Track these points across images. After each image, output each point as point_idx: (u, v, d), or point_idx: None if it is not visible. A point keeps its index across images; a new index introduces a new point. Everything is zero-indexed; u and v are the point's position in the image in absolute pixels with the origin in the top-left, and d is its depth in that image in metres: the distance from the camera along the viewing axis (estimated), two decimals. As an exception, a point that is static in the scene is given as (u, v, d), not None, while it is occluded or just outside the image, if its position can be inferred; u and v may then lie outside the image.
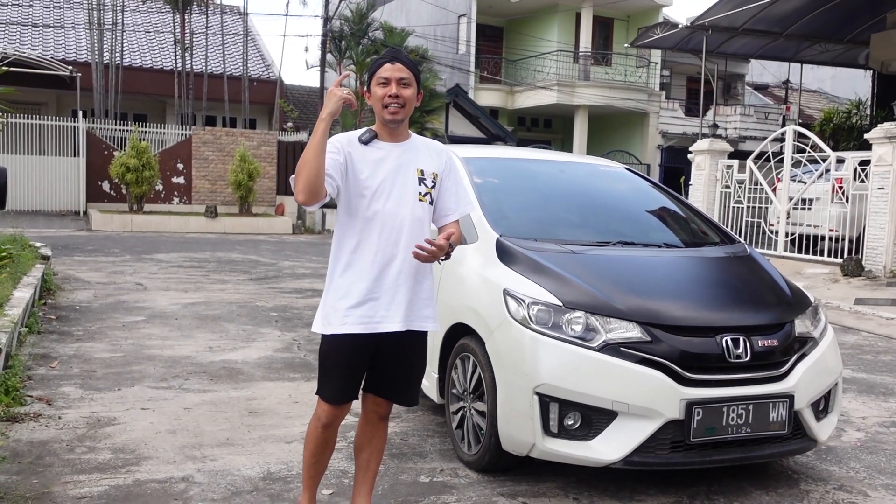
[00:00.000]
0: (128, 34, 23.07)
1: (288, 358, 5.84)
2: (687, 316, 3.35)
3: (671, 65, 29.48)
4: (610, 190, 4.74)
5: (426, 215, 2.86)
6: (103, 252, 12.45)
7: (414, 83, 2.82)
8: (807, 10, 16.76)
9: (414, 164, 2.85)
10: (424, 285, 2.86)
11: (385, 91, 2.78)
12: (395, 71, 2.79)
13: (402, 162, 2.82)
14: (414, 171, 2.84)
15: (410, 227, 2.79)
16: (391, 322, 2.77)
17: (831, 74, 32.96)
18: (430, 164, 2.89)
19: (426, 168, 2.87)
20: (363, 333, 2.76)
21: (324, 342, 2.85)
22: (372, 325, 2.76)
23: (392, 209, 2.77)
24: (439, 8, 27.32)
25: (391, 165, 2.81)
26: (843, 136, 19.87)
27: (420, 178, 2.84)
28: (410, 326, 2.81)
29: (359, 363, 2.83)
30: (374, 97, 2.82)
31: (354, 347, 2.78)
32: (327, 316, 2.80)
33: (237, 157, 18.67)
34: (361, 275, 2.76)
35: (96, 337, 6.22)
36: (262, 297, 8.62)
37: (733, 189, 14.95)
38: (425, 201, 2.84)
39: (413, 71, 2.82)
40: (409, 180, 2.82)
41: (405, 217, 2.78)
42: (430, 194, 2.86)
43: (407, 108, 2.80)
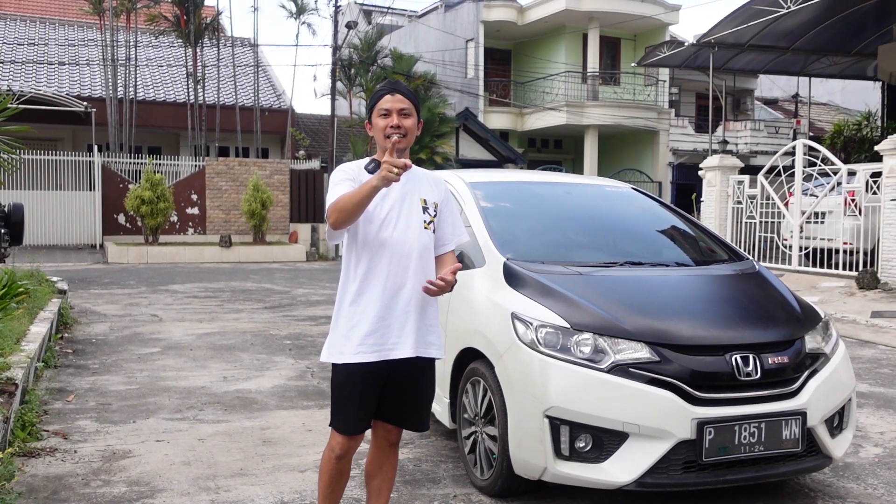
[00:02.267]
0: (141, 69, 23.45)
1: (301, 386, 5.86)
2: (696, 335, 3.35)
3: (679, 82, 29.55)
4: (616, 210, 4.76)
5: (431, 243, 2.91)
6: (119, 284, 12.57)
7: (414, 113, 2.88)
8: (813, 24, 16.78)
9: (417, 194, 2.91)
10: (430, 312, 2.90)
11: (386, 122, 2.84)
12: (395, 102, 2.86)
13: (406, 191, 2.87)
14: (418, 200, 2.90)
15: (419, 254, 2.84)
16: (402, 349, 2.80)
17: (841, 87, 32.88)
18: (431, 193, 2.96)
19: (428, 197, 2.94)
20: (376, 361, 2.79)
21: (336, 372, 2.87)
22: (384, 353, 2.79)
23: (400, 237, 2.82)
24: (447, 33, 27.60)
25: (397, 194, 2.85)
26: (854, 149, 19.79)
27: (424, 207, 2.91)
28: (420, 353, 2.84)
29: (371, 391, 2.85)
30: (376, 128, 2.88)
31: (367, 376, 2.81)
32: (339, 345, 2.83)
33: (250, 186, 18.85)
34: (373, 302, 2.80)
35: (112, 370, 6.28)
36: (276, 326, 8.66)
37: (745, 204, 14.91)
38: (430, 229, 2.90)
39: (413, 101, 2.89)
40: (414, 209, 2.88)
41: (413, 245, 2.83)
42: (433, 223, 2.93)
43: (408, 137, 2.85)
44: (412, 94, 2.91)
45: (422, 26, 29.87)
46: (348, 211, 2.68)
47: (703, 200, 16.04)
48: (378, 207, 2.81)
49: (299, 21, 23.96)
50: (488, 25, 26.52)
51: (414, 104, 2.89)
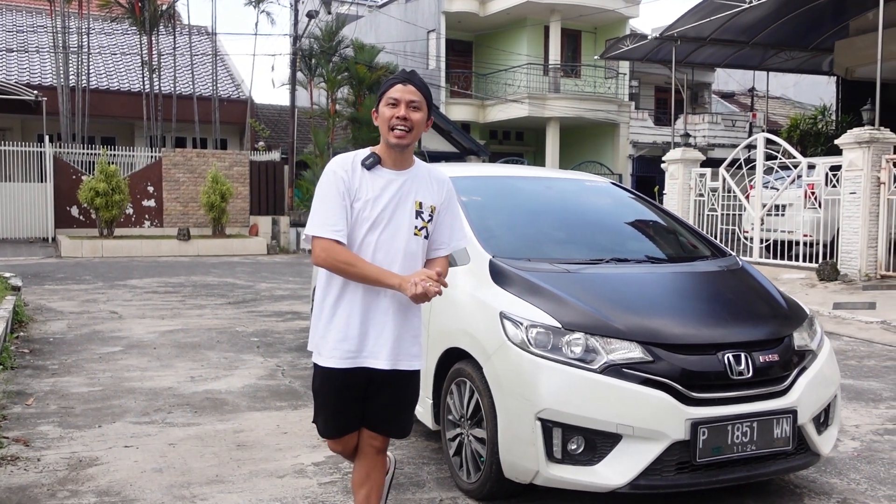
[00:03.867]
0: (94, 57, 22.77)
1: (273, 385, 5.70)
2: (687, 333, 3.30)
3: (639, 75, 29.81)
4: (597, 205, 4.70)
5: (420, 250, 2.77)
6: (74, 279, 12.18)
7: (424, 108, 2.72)
8: (772, 18, 17.00)
9: (413, 196, 2.75)
10: (413, 322, 2.78)
11: (393, 112, 2.68)
12: (406, 93, 2.69)
13: (402, 192, 2.72)
14: (412, 204, 2.73)
15: (403, 261, 2.70)
16: (377, 359, 2.70)
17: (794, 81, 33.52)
18: (429, 196, 2.79)
19: (425, 200, 2.77)
20: (350, 368, 2.70)
21: (316, 373, 2.79)
22: (359, 360, 2.69)
23: (386, 241, 2.69)
24: (408, 24, 27.38)
25: (391, 194, 2.70)
26: (810, 142, 20.14)
27: (417, 211, 2.74)
28: (397, 366, 2.72)
29: (350, 397, 2.75)
30: (382, 118, 2.71)
31: (344, 381, 2.72)
32: (317, 344, 2.75)
33: (209, 178, 18.44)
34: (351, 306, 2.69)
35: (73, 370, 6.03)
36: (241, 322, 8.46)
37: (707, 197, 15.07)
38: (420, 236, 2.75)
39: (425, 95, 2.72)
40: (406, 212, 2.72)
41: (398, 251, 2.70)
42: (426, 228, 2.77)
43: (414, 132, 2.69)
44: (426, 87, 2.74)
45: (383, 16, 29.59)
46: (349, 275, 2.63)
47: (666, 193, 16.18)
48: (370, 209, 2.68)
49: (258, 9, 23.49)
50: (450, 16, 26.37)
51: (426, 98, 2.73)
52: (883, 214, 11.34)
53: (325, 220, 2.64)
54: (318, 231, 2.65)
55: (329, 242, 2.63)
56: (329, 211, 2.65)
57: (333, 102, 22.64)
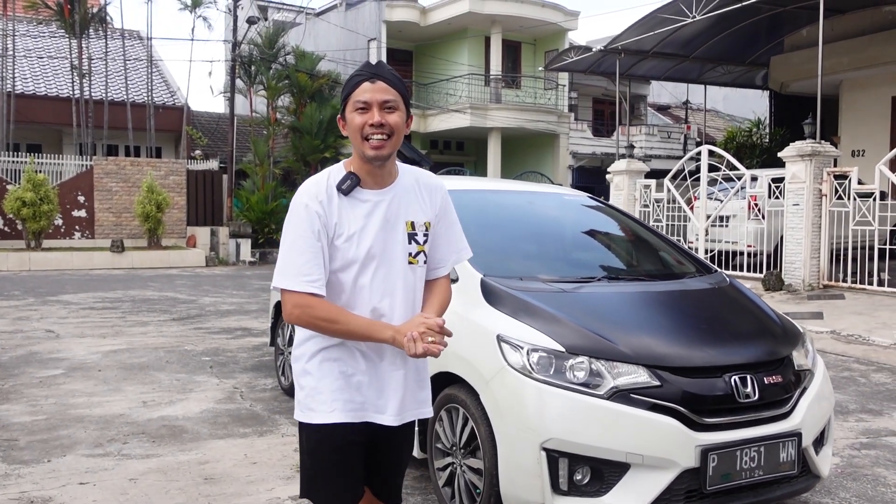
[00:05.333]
0: (19, 60, 21.73)
1: (233, 410, 5.39)
2: (693, 355, 3.18)
3: (578, 87, 30.17)
4: (580, 220, 4.58)
5: (420, 278, 2.32)
6: (2, 295, 11.49)
7: (402, 105, 2.22)
8: (711, 34, 17.41)
9: (403, 216, 2.26)
10: (420, 364, 2.35)
11: (365, 119, 2.18)
12: (376, 92, 2.18)
13: (389, 216, 2.23)
14: (403, 227, 2.26)
15: (404, 298, 2.25)
16: (384, 413, 2.25)
17: (724, 95, 34.57)
18: (422, 211, 2.30)
19: (418, 219, 2.29)
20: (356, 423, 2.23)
21: (306, 435, 2.25)
22: (363, 413, 2.23)
23: (382, 280, 2.23)
24: (349, 32, 27.07)
25: (379, 222, 2.22)
26: (746, 154, 20.71)
27: (410, 235, 2.27)
28: (406, 418, 2.30)
29: (356, 458, 2.26)
30: (351, 127, 2.21)
31: (348, 438, 2.23)
32: (307, 401, 2.23)
33: (144, 187, 17.78)
34: (348, 352, 2.23)
35: (11, 397, 5.59)
36: (189, 340, 8.06)
37: (652, 208, 15.27)
38: (417, 262, 2.28)
39: (400, 90, 2.21)
40: (398, 239, 2.25)
41: (397, 288, 2.24)
42: (422, 252, 2.30)
43: (395, 138, 2.20)
44: (398, 80, 2.24)
45: (322, 24, 29.20)
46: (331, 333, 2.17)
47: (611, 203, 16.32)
48: (356, 246, 2.20)
49: (195, 14, 22.86)
50: (391, 25, 26.20)
51: (401, 93, 2.22)
52: (825, 225, 11.64)
53: (298, 268, 2.14)
54: (290, 283, 2.14)
55: (303, 297, 2.13)
56: (301, 257, 2.14)
57: (274, 111, 22.16)
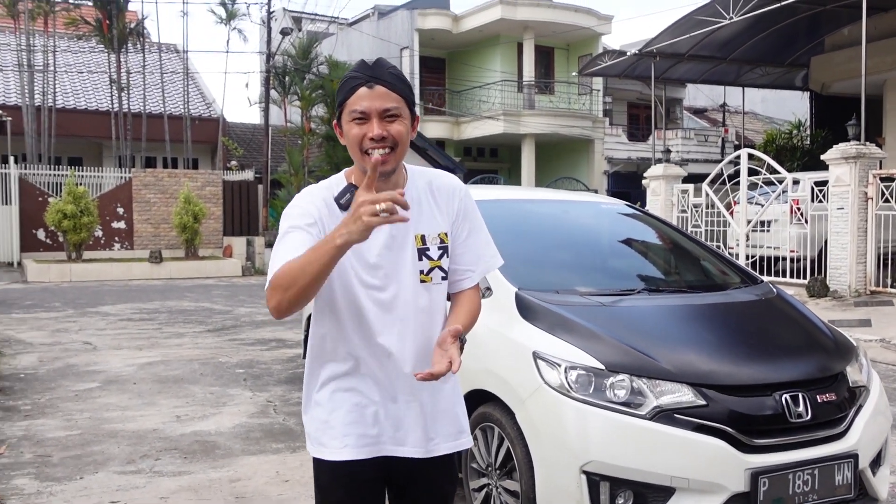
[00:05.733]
0: (60, 76, 22.17)
1: (266, 424, 5.33)
2: (741, 373, 3.03)
3: (612, 91, 29.88)
4: (617, 230, 4.43)
5: (435, 298, 2.03)
6: (43, 307, 11.65)
7: (405, 110, 1.93)
8: (749, 35, 17.07)
9: (412, 230, 1.99)
10: (445, 390, 2.07)
11: (363, 130, 1.89)
12: (375, 99, 1.89)
13: (396, 230, 1.98)
14: (412, 242, 1.99)
15: (415, 322, 1.98)
16: (404, 445, 2.02)
17: (762, 97, 33.95)
18: (434, 220, 2.03)
19: (429, 231, 2.01)
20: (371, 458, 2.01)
21: (318, 470, 2.06)
22: (378, 448, 2.01)
23: (388, 302, 1.98)
24: (381, 41, 27.15)
25: (381, 239, 1.96)
26: (786, 157, 20.23)
27: (421, 250, 2.00)
28: (434, 451, 2.04)
29: (373, 493, 2.06)
30: (349, 138, 1.93)
31: (363, 476, 2.01)
32: (318, 433, 2.03)
33: (181, 198, 17.96)
34: (360, 379, 2.01)
35: (47, 412, 5.60)
36: (224, 352, 8.05)
37: (690, 213, 14.97)
38: (430, 280, 2.01)
39: (402, 92, 1.93)
40: (406, 257, 1.99)
41: (407, 312, 1.98)
42: (438, 268, 2.02)
43: (399, 150, 1.92)
44: (400, 80, 1.94)
45: (355, 33, 29.36)
46: (298, 289, 1.74)
47: (648, 209, 16.06)
48: (361, 268, 1.96)
49: (229, 27, 23.12)
50: (423, 34, 26.23)
51: (404, 96, 1.93)
52: (871, 230, 11.27)
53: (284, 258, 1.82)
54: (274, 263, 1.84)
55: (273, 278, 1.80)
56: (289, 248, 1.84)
57: (308, 120, 22.29)
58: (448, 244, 2.04)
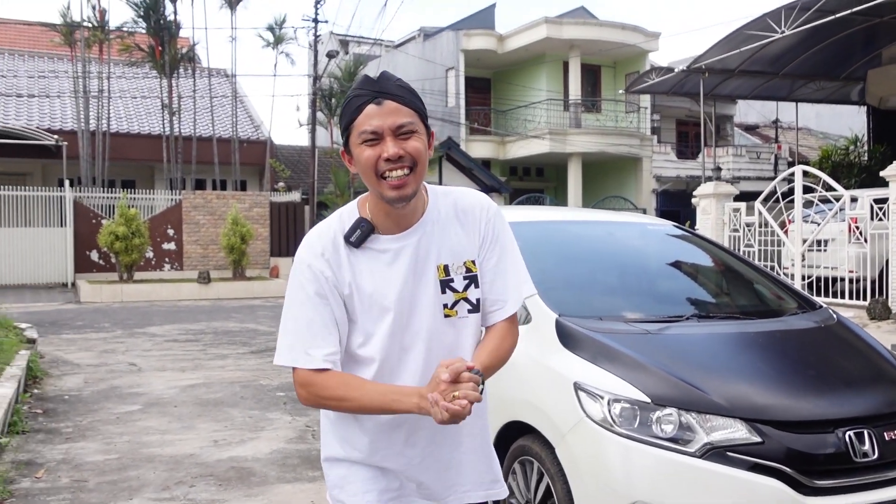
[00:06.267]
0: (114, 101, 22.76)
1: (303, 451, 5.23)
2: (800, 408, 2.81)
3: (660, 109, 29.48)
4: (665, 252, 4.24)
5: (467, 334, 1.86)
6: (93, 328, 11.82)
7: (420, 125, 1.76)
8: (802, 49, 16.63)
9: (434, 260, 1.82)
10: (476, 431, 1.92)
11: (377, 152, 1.71)
12: (386, 116, 1.71)
13: (417, 262, 1.80)
14: (433, 273, 1.81)
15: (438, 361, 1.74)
16: (430, 500, 1.90)
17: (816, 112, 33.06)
18: (459, 247, 1.84)
19: (453, 260, 1.83)
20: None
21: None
22: (401, 501, 1.89)
23: (410, 343, 1.81)
24: (427, 62, 27.29)
25: (401, 274, 1.79)
26: (842, 173, 19.62)
27: (444, 282, 1.81)
28: (468, 499, 1.91)
29: None
30: (361, 163, 1.74)
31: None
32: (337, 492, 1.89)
33: (229, 220, 18.18)
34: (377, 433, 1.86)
35: (87, 434, 5.60)
36: (266, 374, 8.01)
37: (742, 233, 14.56)
38: (456, 314, 1.83)
39: (414, 106, 1.76)
40: (427, 291, 1.81)
41: (431, 354, 1.82)
42: (463, 300, 1.83)
43: (419, 169, 1.74)
44: (410, 91, 1.77)
45: (401, 55, 29.59)
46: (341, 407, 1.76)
47: (699, 229, 15.67)
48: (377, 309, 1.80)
49: (277, 51, 23.48)
50: (468, 54, 26.27)
51: (417, 109, 1.76)
52: (936, 249, 10.77)
53: (301, 341, 1.76)
54: (291, 359, 1.77)
55: (309, 374, 1.75)
56: (306, 327, 1.77)
57: (353, 143, 22.43)
58: (476, 272, 1.85)
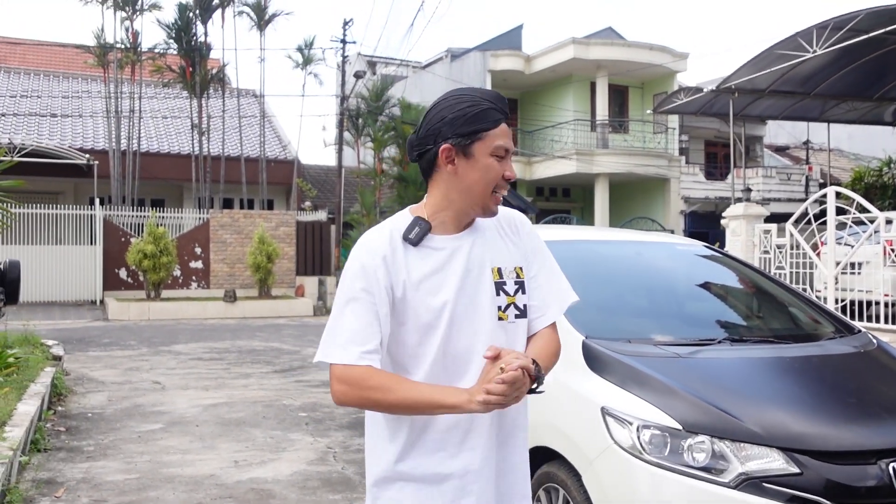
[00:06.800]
0: (145, 120, 23.09)
1: (324, 473, 5.14)
2: (840, 437, 2.68)
3: (688, 129, 29.25)
4: (695, 273, 4.12)
5: (515, 339, 1.87)
6: (119, 345, 11.88)
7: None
8: (834, 69, 16.38)
9: (489, 262, 1.84)
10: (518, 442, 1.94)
11: (502, 168, 1.81)
12: (510, 138, 1.85)
13: (471, 263, 1.82)
14: (489, 275, 1.83)
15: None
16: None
17: (848, 133, 32.58)
18: (508, 252, 1.89)
19: (505, 263, 1.86)
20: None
21: None
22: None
23: (465, 344, 1.80)
24: (454, 82, 27.35)
25: (457, 273, 1.80)
26: (876, 195, 19.25)
27: (498, 284, 1.83)
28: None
29: None
30: (486, 173, 1.80)
31: None
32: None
33: (255, 238, 18.28)
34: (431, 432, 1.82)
35: (109, 453, 5.57)
36: (288, 394, 7.96)
37: (773, 255, 14.30)
38: (507, 318, 1.84)
39: None
40: (484, 291, 1.82)
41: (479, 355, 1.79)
42: (513, 305, 1.85)
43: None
44: None
45: (428, 75, 29.70)
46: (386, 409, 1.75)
47: (728, 251, 15.43)
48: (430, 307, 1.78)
49: (306, 71, 23.70)
50: (495, 75, 26.31)
51: None
52: (975, 272, 10.46)
53: (351, 337, 1.73)
54: (339, 355, 1.73)
55: (354, 371, 1.72)
56: (356, 323, 1.74)
57: (380, 162, 22.53)
58: (524, 279, 1.90)
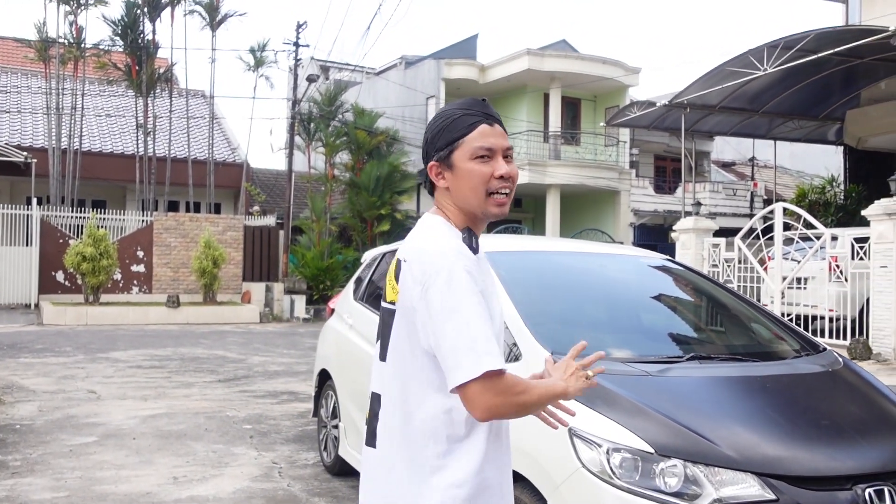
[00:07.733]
0: (87, 119, 22.34)
1: (269, 490, 4.89)
2: (816, 461, 2.57)
3: (639, 143, 29.63)
4: (660, 287, 4.01)
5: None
6: (53, 351, 11.34)
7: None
8: (782, 87, 16.73)
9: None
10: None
11: (492, 169, 1.78)
12: (499, 137, 1.81)
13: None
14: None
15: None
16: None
17: (790, 151, 33.44)
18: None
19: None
20: None
21: None
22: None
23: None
24: (407, 89, 27.21)
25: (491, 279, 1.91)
26: (819, 212, 19.70)
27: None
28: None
29: None
30: (472, 178, 1.78)
31: None
32: None
33: (201, 243, 17.77)
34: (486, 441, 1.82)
35: (37, 469, 5.21)
36: (232, 405, 7.64)
37: (721, 269, 14.47)
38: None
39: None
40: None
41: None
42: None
43: (512, 193, 1.85)
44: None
45: (382, 82, 29.50)
46: (523, 410, 1.76)
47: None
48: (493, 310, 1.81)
49: (257, 74, 23.26)
50: (449, 83, 26.23)
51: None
52: (917, 289, 10.70)
53: (487, 345, 1.66)
54: (493, 362, 1.65)
55: (502, 379, 1.67)
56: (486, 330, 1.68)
57: (332, 167, 22.21)
58: None
